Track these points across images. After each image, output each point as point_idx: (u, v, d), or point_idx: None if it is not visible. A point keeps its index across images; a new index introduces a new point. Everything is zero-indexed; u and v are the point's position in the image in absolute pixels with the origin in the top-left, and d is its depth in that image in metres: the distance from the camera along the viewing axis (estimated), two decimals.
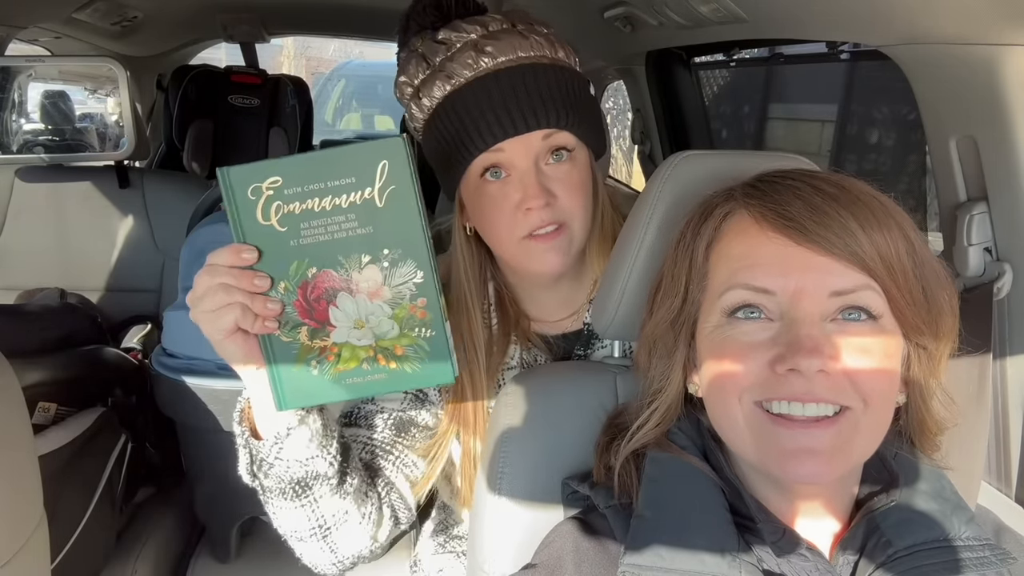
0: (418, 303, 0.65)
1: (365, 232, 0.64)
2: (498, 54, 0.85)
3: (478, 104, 0.84)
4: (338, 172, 0.63)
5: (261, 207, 0.63)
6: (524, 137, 0.84)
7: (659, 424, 0.66)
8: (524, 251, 0.87)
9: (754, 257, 0.58)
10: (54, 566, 0.96)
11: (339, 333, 0.66)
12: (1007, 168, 0.84)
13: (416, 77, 0.88)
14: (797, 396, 0.54)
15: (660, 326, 0.66)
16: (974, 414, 0.84)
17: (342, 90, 6.97)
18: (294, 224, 0.63)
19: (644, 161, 2.31)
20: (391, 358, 0.67)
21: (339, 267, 0.64)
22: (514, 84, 0.84)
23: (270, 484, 0.74)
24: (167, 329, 1.42)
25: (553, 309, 0.98)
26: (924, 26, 0.83)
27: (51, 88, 2.08)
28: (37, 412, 1.34)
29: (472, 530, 0.80)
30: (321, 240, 0.64)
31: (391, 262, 0.64)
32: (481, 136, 0.84)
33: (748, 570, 0.56)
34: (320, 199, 0.63)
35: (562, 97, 0.86)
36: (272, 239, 0.64)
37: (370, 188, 0.63)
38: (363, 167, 0.63)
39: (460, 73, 0.85)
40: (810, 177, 0.59)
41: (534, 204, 0.84)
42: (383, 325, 0.66)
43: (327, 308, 0.65)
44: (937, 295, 0.58)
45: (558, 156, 0.86)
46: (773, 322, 0.57)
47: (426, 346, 0.66)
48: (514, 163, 0.85)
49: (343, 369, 0.67)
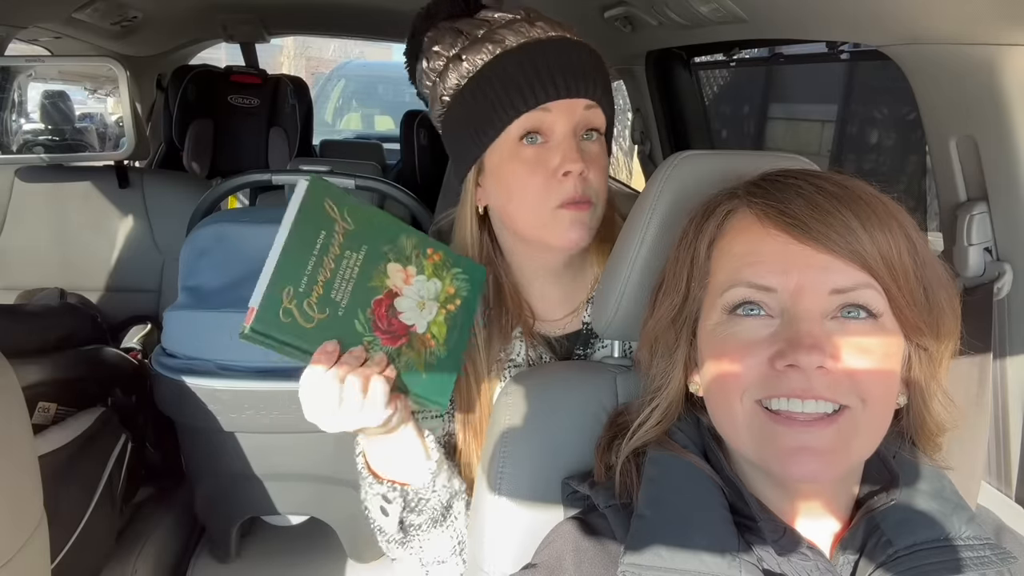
0: (429, 253, 0.76)
1: (365, 251, 0.73)
2: (548, 29, 0.88)
3: (533, 63, 0.85)
4: (307, 238, 0.69)
5: (300, 318, 0.69)
6: (570, 103, 0.86)
7: (660, 422, 0.66)
8: (553, 220, 0.86)
9: (756, 254, 0.58)
10: (54, 566, 0.96)
11: (419, 324, 0.76)
12: (1007, 168, 0.84)
13: (454, 46, 0.89)
14: (796, 393, 0.54)
15: (661, 323, 0.66)
16: (974, 414, 0.84)
17: (342, 90, 6.96)
18: (327, 302, 0.70)
19: (644, 161, 2.31)
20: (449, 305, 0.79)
21: (375, 291, 0.73)
22: (566, 52, 0.87)
23: (423, 519, 0.82)
24: (167, 329, 1.42)
25: (554, 305, 0.97)
26: (924, 26, 0.83)
27: (51, 88, 2.08)
28: (37, 412, 1.34)
29: (472, 530, 0.80)
30: (350, 290, 0.72)
31: (392, 251, 0.74)
32: (533, 92, 0.85)
33: (748, 569, 0.56)
34: (320, 267, 0.70)
35: (603, 79, 0.90)
36: (328, 326, 0.71)
37: (335, 224, 0.71)
38: (313, 216, 0.70)
39: (512, 39, 0.87)
40: (813, 176, 0.59)
41: (574, 168, 0.84)
42: (429, 287, 0.76)
43: (399, 320, 0.75)
44: (939, 296, 0.58)
45: (590, 135, 0.88)
46: (773, 319, 0.57)
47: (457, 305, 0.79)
48: (555, 128, 0.86)
49: (441, 342, 0.78)
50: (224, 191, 1.67)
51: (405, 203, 1.64)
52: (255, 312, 0.67)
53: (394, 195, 1.65)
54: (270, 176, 1.67)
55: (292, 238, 0.68)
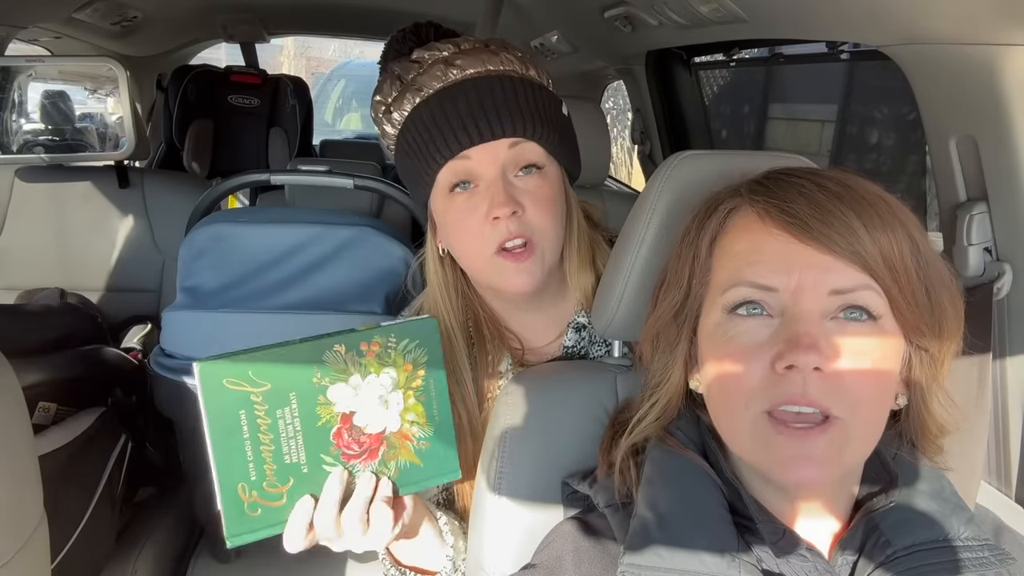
0: (364, 350, 0.66)
1: (296, 399, 0.64)
2: (466, 67, 0.85)
3: (444, 112, 0.83)
4: (229, 427, 0.62)
5: (267, 503, 0.64)
6: (491, 145, 0.83)
7: (659, 418, 0.66)
8: (495, 268, 0.85)
9: (757, 254, 0.58)
10: (54, 566, 0.96)
11: (391, 423, 0.68)
12: (1007, 168, 0.84)
13: (389, 95, 0.88)
14: (794, 399, 0.54)
15: (663, 319, 0.66)
16: (974, 415, 0.84)
17: (342, 90, 6.97)
18: (285, 471, 0.64)
19: (644, 161, 2.31)
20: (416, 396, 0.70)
21: (328, 427, 0.66)
22: (480, 93, 0.84)
23: None
24: (166, 329, 1.42)
25: (540, 332, 0.97)
26: (924, 26, 0.83)
27: (51, 88, 2.07)
28: (37, 412, 1.34)
29: (472, 530, 0.80)
30: (302, 444, 0.65)
31: (324, 376, 0.65)
32: (447, 144, 0.83)
33: (748, 570, 0.56)
34: (259, 446, 0.63)
35: (530, 109, 0.85)
36: (299, 489, 0.65)
37: (248, 395, 0.62)
38: (221, 403, 0.62)
39: (429, 85, 0.85)
40: (816, 175, 0.59)
41: (501, 212, 0.82)
42: (383, 382, 0.67)
43: (367, 435, 0.67)
44: (941, 297, 0.58)
45: (527, 170, 0.86)
46: (773, 318, 0.57)
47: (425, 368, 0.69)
48: (481, 173, 0.84)
49: (424, 423, 0.70)
50: (224, 191, 1.67)
51: (404, 203, 1.64)
52: (224, 523, 0.63)
53: (393, 195, 1.65)
54: (269, 176, 1.67)
55: (215, 437, 0.62)
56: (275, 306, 1.37)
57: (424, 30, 0.94)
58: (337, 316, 1.35)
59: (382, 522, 0.67)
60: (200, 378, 0.61)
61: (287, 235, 1.44)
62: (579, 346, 0.96)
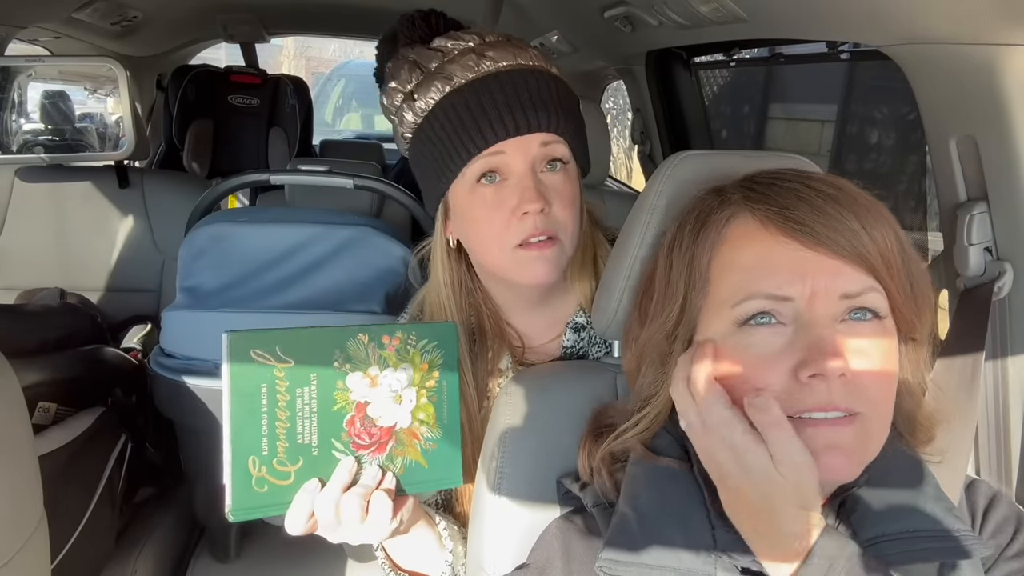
0: (386, 343, 0.69)
1: (316, 381, 0.66)
2: (499, 59, 0.85)
3: (480, 103, 0.83)
4: (250, 400, 0.64)
5: (275, 480, 0.65)
6: (524, 139, 0.83)
7: (646, 429, 0.66)
8: (515, 261, 0.85)
9: (769, 264, 0.57)
10: (54, 566, 0.96)
11: (402, 419, 0.70)
12: (1007, 168, 0.84)
13: (409, 82, 0.87)
14: (821, 406, 0.54)
15: (656, 334, 0.65)
16: (962, 408, 0.84)
17: (342, 90, 6.97)
18: (296, 450, 0.66)
19: (644, 161, 2.31)
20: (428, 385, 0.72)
21: (343, 413, 0.67)
22: (516, 85, 0.84)
23: None
24: (165, 329, 1.42)
25: (541, 330, 0.97)
26: (924, 26, 0.83)
27: (51, 88, 2.08)
28: (37, 412, 1.34)
29: (472, 530, 0.80)
30: (316, 426, 0.66)
31: (345, 362, 0.67)
32: (482, 134, 0.83)
33: (724, 566, 0.57)
34: (276, 422, 0.65)
35: (560, 104, 0.86)
36: (307, 472, 0.66)
37: (272, 370, 0.64)
38: (246, 376, 0.64)
39: (460, 75, 0.84)
40: (805, 178, 0.59)
41: (531, 208, 0.82)
42: (400, 378, 0.69)
43: (378, 427, 0.69)
44: (923, 289, 0.60)
45: (553, 166, 0.86)
46: (786, 326, 0.56)
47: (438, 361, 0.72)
48: (512, 167, 0.84)
49: (433, 424, 0.72)
50: (223, 191, 1.67)
51: (404, 203, 1.64)
52: (230, 495, 0.64)
53: (393, 195, 1.65)
54: (269, 176, 1.67)
55: (235, 407, 0.63)
56: (275, 306, 1.37)
57: (434, 18, 0.93)
58: (337, 316, 1.35)
59: (381, 511, 0.68)
60: (228, 347, 0.63)
61: (287, 235, 1.44)
62: (578, 346, 0.96)
